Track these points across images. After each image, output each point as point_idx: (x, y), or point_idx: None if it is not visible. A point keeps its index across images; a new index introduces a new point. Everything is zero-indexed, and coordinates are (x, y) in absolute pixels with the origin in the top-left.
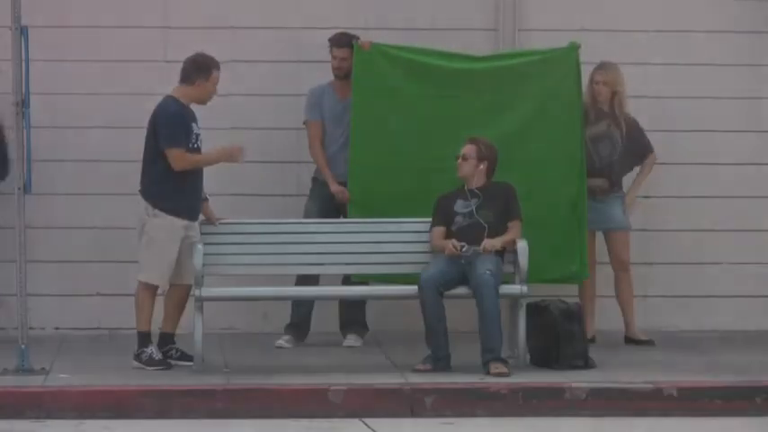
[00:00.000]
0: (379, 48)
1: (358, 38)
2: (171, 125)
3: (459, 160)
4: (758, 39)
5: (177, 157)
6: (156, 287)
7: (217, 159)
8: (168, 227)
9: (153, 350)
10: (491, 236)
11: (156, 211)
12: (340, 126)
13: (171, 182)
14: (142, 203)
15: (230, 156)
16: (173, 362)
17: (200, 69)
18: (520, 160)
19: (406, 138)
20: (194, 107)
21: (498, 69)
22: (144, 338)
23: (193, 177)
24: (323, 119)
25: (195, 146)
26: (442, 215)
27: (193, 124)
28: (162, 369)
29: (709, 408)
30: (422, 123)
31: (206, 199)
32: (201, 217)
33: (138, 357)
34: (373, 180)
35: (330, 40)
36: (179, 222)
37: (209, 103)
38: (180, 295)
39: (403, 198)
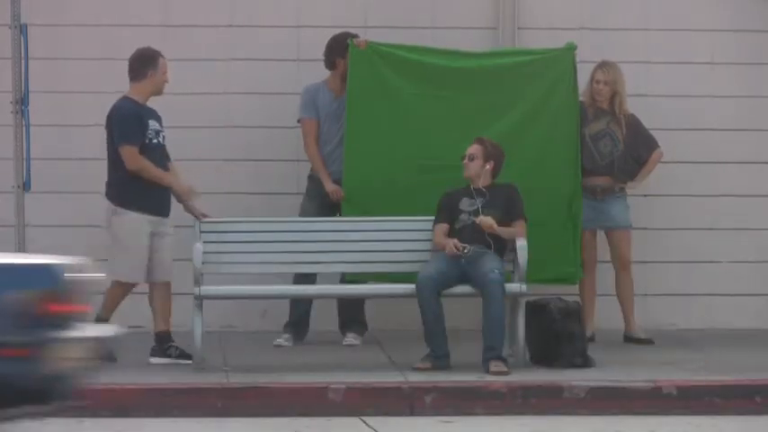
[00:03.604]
0: (374, 47)
1: (356, 35)
2: (123, 123)
3: (465, 160)
4: (759, 37)
5: (129, 155)
6: (131, 284)
7: (170, 186)
8: (132, 223)
9: None
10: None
11: (119, 210)
12: (336, 124)
13: (133, 180)
14: (105, 204)
15: (184, 194)
16: (171, 361)
17: (147, 62)
18: (515, 160)
19: (401, 137)
20: (191, 107)
21: (494, 69)
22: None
23: None
24: (318, 117)
25: (155, 142)
26: (446, 212)
27: (151, 121)
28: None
29: (708, 406)
30: (417, 122)
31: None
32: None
33: None
34: (368, 179)
35: (336, 53)
36: (145, 218)
37: (206, 102)
38: (161, 294)
39: (398, 197)
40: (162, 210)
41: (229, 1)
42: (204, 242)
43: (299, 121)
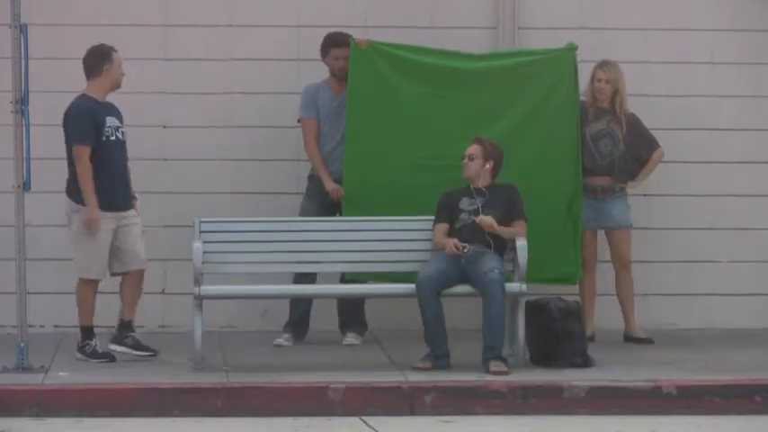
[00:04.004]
0: (376, 46)
1: (350, 36)
2: (77, 122)
3: (465, 160)
4: (759, 37)
5: (78, 153)
6: (96, 281)
7: (87, 205)
8: None
9: (96, 343)
10: (495, 233)
11: (78, 207)
12: (337, 123)
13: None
14: (65, 201)
15: (88, 226)
16: (126, 350)
17: (102, 57)
18: (515, 160)
19: (401, 137)
20: (191, 107)
21: (495, 69)
22: (87, 332)
23: (110, 170)
24: (318, 117)
25: (112, 139)
26: (446, 212)
27: (109, 118)
28: (106, 361)
29: (708, 406)
30: (417, 122)
31: (134, 197)
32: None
33: (81, 350)
34: (368, 178)
35: (333, 41)
36: (105, 215)
37: (206, 102)
38: (133, 281)
39: (398, 197)
40: (123, 204)
41: (229, 1)
42: (204, 242)
43: (299, 120)
